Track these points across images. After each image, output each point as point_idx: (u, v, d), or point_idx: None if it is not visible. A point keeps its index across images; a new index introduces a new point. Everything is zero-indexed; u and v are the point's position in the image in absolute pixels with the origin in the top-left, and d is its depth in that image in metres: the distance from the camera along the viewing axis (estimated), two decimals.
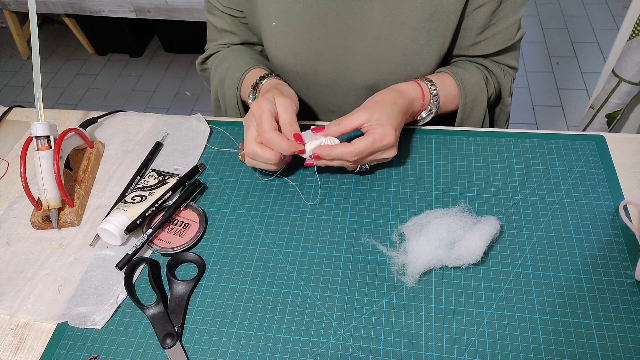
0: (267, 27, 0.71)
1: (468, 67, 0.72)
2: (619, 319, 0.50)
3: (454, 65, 0.74)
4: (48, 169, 0.61)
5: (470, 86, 0.70)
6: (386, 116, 0.59)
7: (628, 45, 1.07)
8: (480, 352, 0.49)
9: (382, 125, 0.58)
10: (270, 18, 0.70)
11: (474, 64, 0.73)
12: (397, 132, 0.60)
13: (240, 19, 0.77)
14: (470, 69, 0.72)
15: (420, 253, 0.54)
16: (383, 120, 0.59)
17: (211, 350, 0.52)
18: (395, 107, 0.61)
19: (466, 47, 0.72)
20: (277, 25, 0.70)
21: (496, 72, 0.74)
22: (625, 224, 0.57)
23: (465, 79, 0.70)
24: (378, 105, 0.60)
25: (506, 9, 0.67)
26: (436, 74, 0.71)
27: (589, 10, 2.36)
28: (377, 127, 0.58)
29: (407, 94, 0.65)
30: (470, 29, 0.69)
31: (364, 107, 0.61)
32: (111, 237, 0.60)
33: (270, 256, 0.59)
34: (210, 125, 0.75)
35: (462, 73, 0.70)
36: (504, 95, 0.76)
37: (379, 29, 0.67)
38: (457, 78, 0.69)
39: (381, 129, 0.58)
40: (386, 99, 0.62)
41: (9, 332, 0.55)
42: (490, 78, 0.73)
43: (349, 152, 0.57)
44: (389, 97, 0.62)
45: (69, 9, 2.10)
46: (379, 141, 0.58)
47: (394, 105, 0.61)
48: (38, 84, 0.63)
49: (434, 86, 0.67)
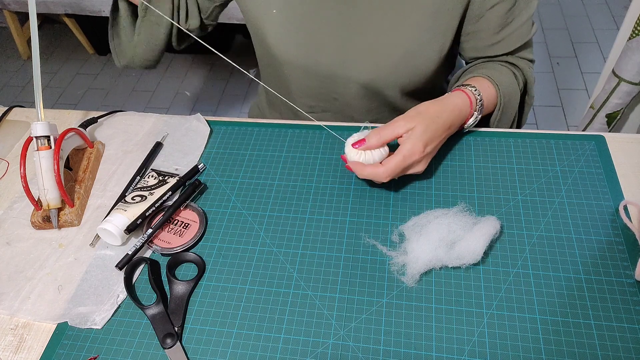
0: (266, 15, 0.71)
1: (496, 67, 0.71)
2: (619, 319, 0.50)
3: (481, 67, 0.73)
4: (48, 169, 0.61)
5: (506, 87, 0.69)
6: (423, 129, 0.58)
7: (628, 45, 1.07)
8: (480, 352, 0.49)
9: (412, 139, 0.58)
10: (270, 5, 0.70)
11: (498, 63, 0.72)
12: (428, 147, 0.59)
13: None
14: (499, 69, 0.71)
15: (420, 253, 0.54)
16: (417, 133, 0.58)
17: (211, 350, 0.52)
18: (437, 121, 0.60)
19: (485, 48, 0.71)
20: (277, 13, 0.70)
21: (522, 66, 0.73)
22: (625, 224, 0.57)
23: (501, 81, 0.69)
24: (420, 117, 0.59)
25: (520, 6, 0.67)
26: (474, 79, 0.70)
27: (589, 10, 2.36)
28: (407, 142, 0.58)
29: (454, 106, 0.63)
30: (487, 30, 0.68)
31: (406, 116, 0.60)
32: (111, 237, 0.60)
33: (270, 256, 0.59)
34: (210, 125, 0.75)
35: (496, 74, 0.69)
36: (530, 86, 0.75)
37: (380, 24, 0.67)
38: (493, 80, 0.68)
39: (409, 144, 0.57)
40: (430, 110, 0.60)
41: (9, 332, 0.55)
42: (517, 73, 0.72)
43: (381, 173, 0.57)
44: (433, 110, 0.61)
45: (69, 9, 2.10)
46: (408, 157, 0.57)
47: (436, 118, 0.60)
48: (38, 84, 0.63)
49: (477, 91, 0.66)
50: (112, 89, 2.27)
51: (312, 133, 0.72)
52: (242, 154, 0.71)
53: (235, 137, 0.73)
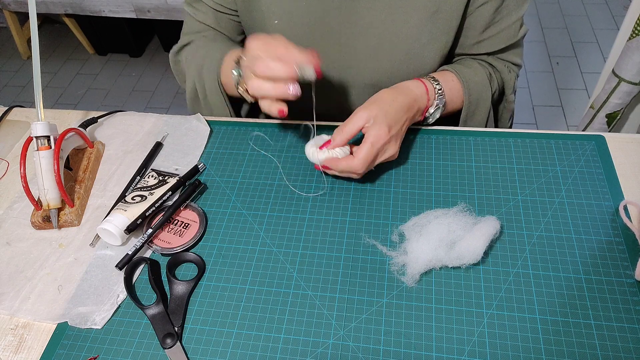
0: (268, 26, 0.71)
1: (471, 64, 0.72)
2: (619, 319, 0.50)
3: (456, 63, 0.74)
4: (48, 169, 0.61)
5: (475, 84, 0.70)
6: (383, 114, 0.59)
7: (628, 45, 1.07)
8: (480, 352, 0.49)
9: (375, 126, 0.58)
10: (272, 16, 0.70)
11: (477, 61, 0.73)
12: (392, 129, 0.59)
13: (228, 16, 0.75)
14: (473, 66, 0.71)
15: (420, 253, 0.54)
16: (378, 119, 0.59)
17: (211, 350, 0.52)
18: (393, 105, 0.61)
19: (469, 46, 0.72)
20: (279, 23, 0.70)
21: (500, 68, 0.73)
22: (625, 224, 0.57)
23: (469, 77, 0.69)
24: (376, 104, 0.60)
25: (509, 6, 0.66)
26: (438, 72, 0.71)
27: (589, 10, 2.36)
28: (371, 129, 0.58)
29: (408, 90, 0.64)
30: (474, 28, 0.69)
31: (363, 107, 0.61)
32: (111, 237, 0.60)
33: (270, 256, 0.59)
34: (210, 125, 0.75)
35: (465, 71, 0.70)
36: (507, 92, 0.75)
37: (381, 28, 0.67)
38: (460, 76, 0.69)
39: (374, 130, 0.58)
40: (384, 97, 0.62)
41: (9, 332, 0.55)
42: (493, 75, 0.72)
43: (356, 165, 0.58)
44: (387, 96, 0.62)
45: (69, 9, 2.10)
46: (376, 143, 0.58)
47: (392, 102, 0.61)
48: (38, 84, 0.63)
49: (437, 82, 0.67)
50: (112, 89, 2.27)
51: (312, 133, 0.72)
52: (242, 154, 0.71)
53: (235, 137, 0.73)
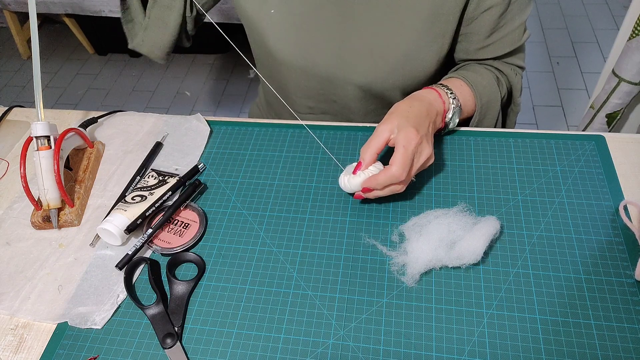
0: (264, 15, 0.70)
1: (478, 69, 0.72)
2: (619, 319, 0.50)
3: (462, 69, 0.73)
4: (48, 169, 0.61)
5: (484, 88, 0.69)
6: (405, 120, 0.58)
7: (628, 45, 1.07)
8: (480, 352, 0.49)
9: (401, 130, 0.57)
10: (268, 6, 0.70)
11: (483, 66, 0.73)
12: (420, 130, 0.58)
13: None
14: (480, 71, 0.71)
15: (420, 253, 0.54)
16: (402, 125, 0.57)
17: (211, 350, 0.52)
18: (412, 111, 0.60)
19: (474, 51, 0.71)
20: (275, 13, 0.70)
21: (507, 72, 0.73)
22: (625, 224, 0.57)
23: (477, 82, 0.69)
24: (394, 115, 0.59)
25: (513, 11, 0.66)
26: (445, 80, 0.70)
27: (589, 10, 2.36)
28: (399, 135, 0.57)
29: (421, 97, 0.63)
30: (478, 33, 0.68)
31: (382, 122, 0.60)
32: (111, 237, 0.60)
33: (270, 256, 0.59)
34: (210, 125, 0.75)
35: (473, 76, 0.70)
36: (516, 94, 0.75)
37: (377, 26, 0.67)
38: (468, 81, 0.69)
39: (402, 134, 0.57)
40: (400, 107, 0.61)
41: (9, 332, 0.55)
42: (501, 78, 0.72)
43: (395, 171, 0.56)
44: (403, 105, 0.61)
45: (69, 9, 2.10)
46: (408, 145, 0.56)
47: (410, 109, 0.60)
48: (38, 84, 0.63)
49: (447, 87, 0.66)
50: (112, 89, 2.27)
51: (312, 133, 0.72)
52: (242, 154, 0.71)
53: (235, 137, 0.73)
